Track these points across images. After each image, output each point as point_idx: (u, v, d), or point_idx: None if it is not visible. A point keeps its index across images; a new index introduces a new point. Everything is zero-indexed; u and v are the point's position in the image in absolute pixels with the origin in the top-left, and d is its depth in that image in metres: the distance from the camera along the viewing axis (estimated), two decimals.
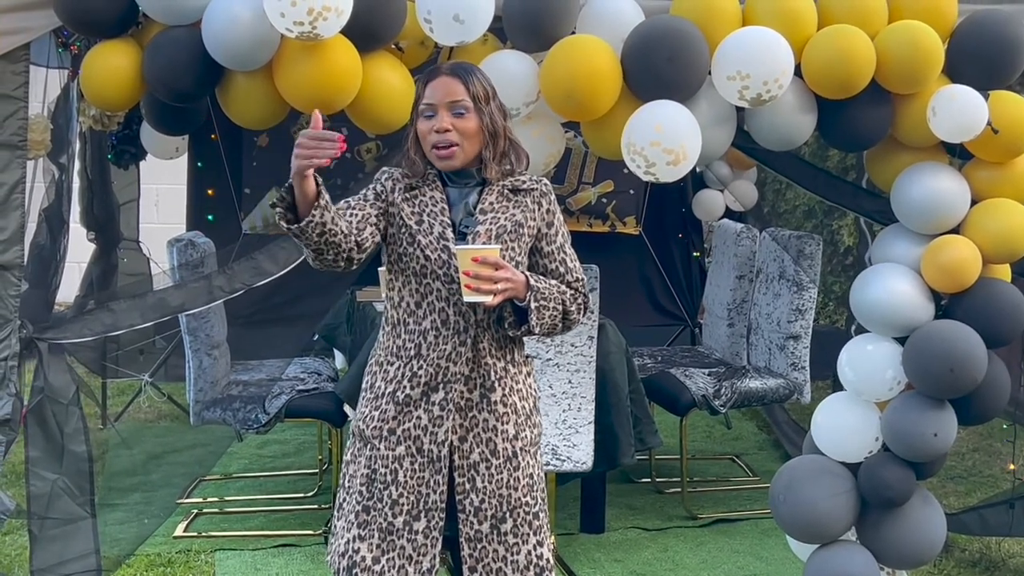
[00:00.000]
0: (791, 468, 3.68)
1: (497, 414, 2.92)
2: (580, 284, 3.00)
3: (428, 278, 2.86)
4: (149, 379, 6.19)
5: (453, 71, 2.88)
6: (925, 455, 3.47)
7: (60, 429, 3.56)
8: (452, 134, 2.83)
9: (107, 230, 5.95)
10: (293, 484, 5.34)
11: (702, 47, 3.34)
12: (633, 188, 6.75)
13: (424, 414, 2.89)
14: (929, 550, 3.61)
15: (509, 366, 2.95)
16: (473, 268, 2.71)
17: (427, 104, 2.85)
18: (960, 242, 3.48)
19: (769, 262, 5.29)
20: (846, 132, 3.53)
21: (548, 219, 2.97)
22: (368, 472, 2.90)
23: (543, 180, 2.99)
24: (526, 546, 2.94)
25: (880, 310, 3.53)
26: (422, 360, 2.88)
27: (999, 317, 3.47)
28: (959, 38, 3.48)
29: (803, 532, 3.62)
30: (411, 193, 2.91)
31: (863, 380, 3.56)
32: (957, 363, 3.38)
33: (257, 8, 3.14)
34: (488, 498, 2.91)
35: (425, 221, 2.87)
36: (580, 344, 4.29)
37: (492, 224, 2.88)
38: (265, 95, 3.37)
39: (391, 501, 2.88)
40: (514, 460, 2.93)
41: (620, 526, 4.87)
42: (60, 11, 3.31)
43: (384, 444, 2.89)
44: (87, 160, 5.68)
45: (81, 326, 3.61)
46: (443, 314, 2.87)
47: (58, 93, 4.35)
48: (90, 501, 3.63)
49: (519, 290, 2.79)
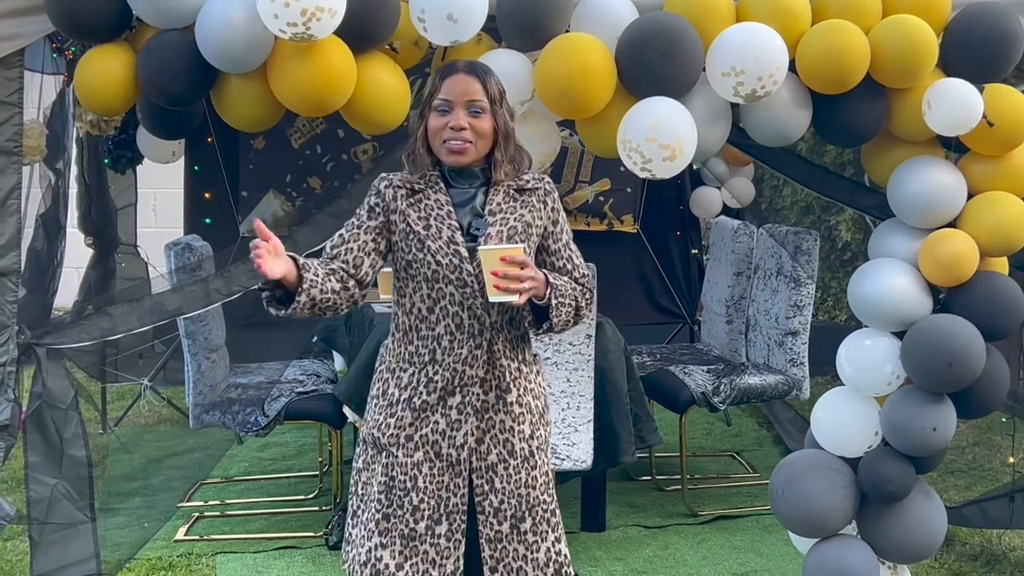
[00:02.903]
0: (790, 463, 3.68)
1: (513, 415, 2.93)
2: (586, 280, 3.01)
3: (440, 283, 2.85)
4: (148, 383, 6.18)
5: (471, 70, 2.87)
6: (925, 449, 3.47)
7: (59, 434, 3.56)
8: (467, 132, 2.82)
9: (105, 235, 5.95)
10: (294, 487, 5.33)
11: (696, 43, 3.34)
12: (630, 186, 6.75)
13: (442, 419, 2.89)
14: (929, 544, 3.61)
15: (522, 366, 2.96)
16: (501, 268, 2.70)
17: (444, 99, 2.83)
18: (957, 236, 3.48)
19: (767, 258, 5.29)
20: (841, 127, 3.54)
21: (554, 217, 2.98)
22: (386, 480, 2.90)
23: (546, 178, 3.00)
24: (545, 543, 2.95)
25: (878, 305, 3.52)
26: (438, 365, 2.88)
27: (997, 310, 3.48)
28: (953, 32, 3.48)
29: (802, 526, 3.63)
30: (415, 197, 2.89)
31: (862, 375, 3.56)
32: (956, 357, 3.38)
33: (251, 10, 3.14)
34: (507, 498, 2.92)
35: (433, 226, 2.86)
36: (578, 343, 4.28)
37: (502, 225, 2.87)
38: (260, 97, 3.37)
39: (412, 507, 2.88)
40: (531, 459, 2.95)
41: (621, 524, 4.87)
42: (54, 16, 3.31)
43: (402, 451, 2.89)
44: (84, 165, 5.68)
45: (79, 331, 3.61)
46: (457, 318, 2.87)
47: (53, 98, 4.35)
48: (90, 505, 3.64)
49: (541, 288, 2.80)
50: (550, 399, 4.24)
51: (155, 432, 6.21)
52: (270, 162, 6.34)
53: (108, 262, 5.99)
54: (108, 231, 5.96)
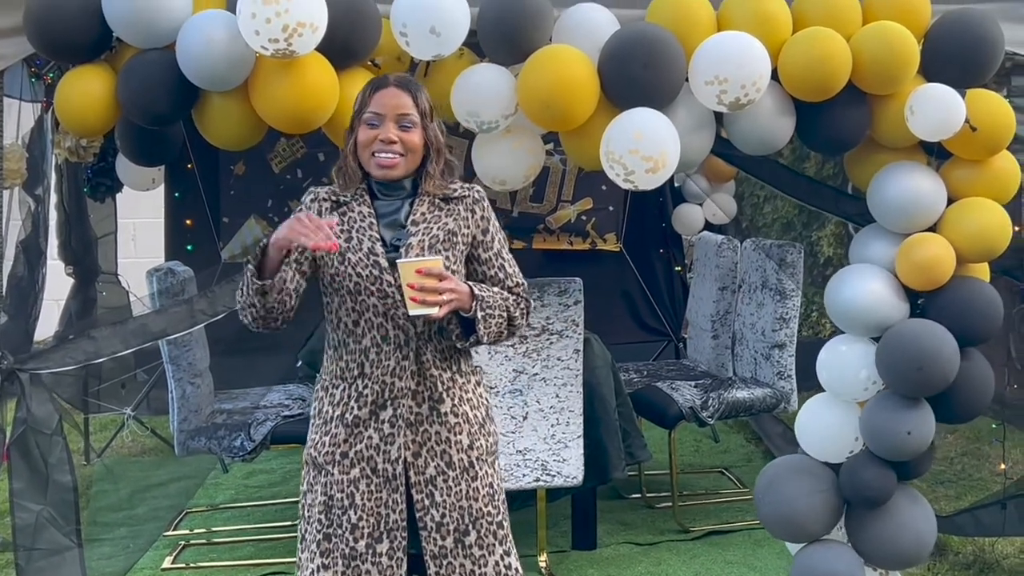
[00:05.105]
0: (773, 467, 3.73)
1: (448, 425, 2.90)
2: (521, 288, 3.00)
3: (363, 295, 2.85)
4: (132, 413, 6.12)
5: (402, 84, 2.89)
6: (901, 453, 3.47)
7: (44, 459, 3.51)
8: (398, 146, 2.84)
9: (85, 263, 5.90)
10: (280, 513, 5.28)
11: (678, 53, 3.34)
12: (612, 205, 6.75)
13: (375, 433, 2.87)
14: (918, 550, 3.60)
15: (456, 376, 2.93)
16: (417, 280, 2.70)
17: (374, 113, 2.85)
18: (934, 239, 3.48)
19: (751, 272, 5.29)
20: (825, 135, 3.53)
21: (483, 226, 2.96)
22: (325, 499, 2.88)
23: (475, 187, 2.98)
24: (493, 557, 2.92)
25: (853, 310, 3.54)
26: (367, 379, 2.87)
27: (974, 315, 3.48)
28: (934, 38, 3.49)
29: (784, 530, 3.65)
30: (340, 211, 2.90)
31: (838, 380, 3.59)
32: (926, 361, 3.38)
33: (231, 28, 3.12)
34: (449, 512, 2.89)
35: (354, 238, 2.86)
36: (567, 358, 4.26)
37: (424, 235, 2.86)
38: (242, 115, 3.34)
39: (351, 525, 2.85)
40: (471, 470, 2.91)
41: (612, 542, 4.84)
42: (33, 38, 3.28)
43: (338, 469, 2.87)
44: (64, 193, 5.64)
45: (63, 355, 3.57)
46: (382, 329, 2.86)
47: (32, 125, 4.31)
48: (76, 531, 3.58)
49: (464, 301, 2.79)
50: (538, 415, 4.23)
51: (139, 463, 6.16)
52: (251, 187, 6.30)
53: (89, 291, 5.93)
54: (88, 260, 5.91)
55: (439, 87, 3.48)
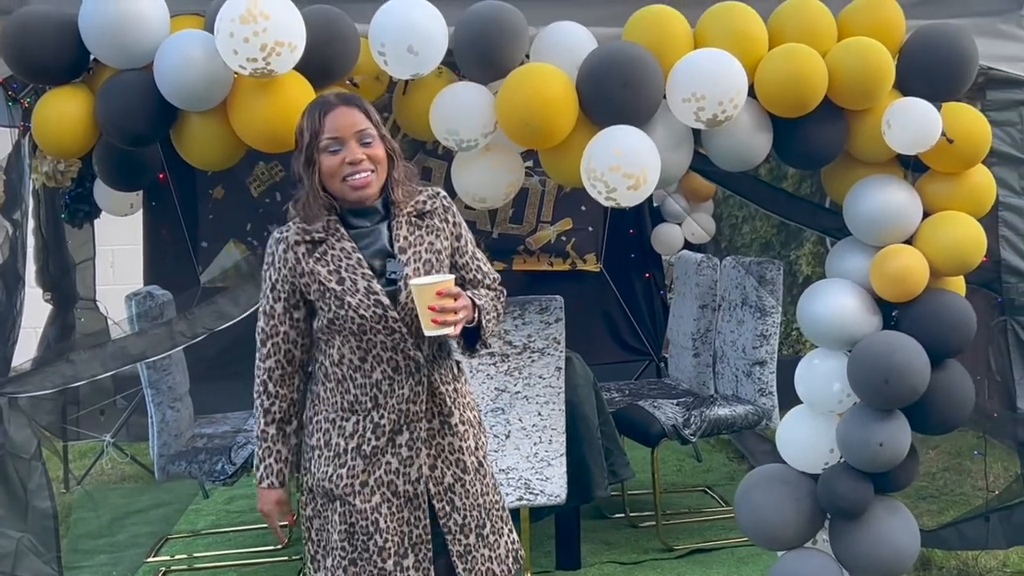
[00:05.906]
0: (752, 474, 3.79)
1: (459, 433, 2.95)
2: (496, 283, 3.04)
3: (368, 334, 2.82)
4: (111, 439, 6.07)
5: (347, 101, 2.81)
6: (876, 465, 3.49)
7: (24, 485, 3.48)
8: (366, 163, 2.77)
9: (63, 289, 5.86)
10: (262, 538, 5.24)
11: (656, 71, 3.36)
12: (592, 225, 6.75)
13: (393, 458, 2.87)
14: (899, 562, 3.61)
15: (456, 385, 2.98)
16: (437, 302, 2.69)
17: (332, 139, 2.75)
18: (906, 251, 3.51)
19: (731, 290, 5.30)
20: (802, 150, 3.55)
21: (456, 231, 2.97)
22: (346, 528, 2.87)
23: (440, 193, 2.96)
24: (503, 539, 3.03)
25: (823, 324, 3.57)
26: (382, 409, 2.86)
27: (946, 327, 3.50)
28: (908, 52, 3.52)
29: (760, 537, 3.71)
30: (320, 251, 2.81)
31: (814, 393, 3.63)
32: (892, 374, 3.39)
33: (209, 47, 3.13)
34: (469, 511, 2.95)
35: (347, 279, 2.80)
36: (548, 376, 4.26)
37: (416, 261, 2.85)
38: (221, 135, 3.34)
39: (378, 548, 2.85)
40: (481, 468, 3.00)
41: (596, 561, 4.82)
42: (9, 59, 3.28)
43: (359, 498, 2.85)
44: (41, 218, 5.60)
45: (41, 379, 3.55)
46: (392, 362, 2.85)
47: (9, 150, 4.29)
48: (56, 558, 3.55)
49: (470, 312, 2.81)
50: (520, 434, 4.22)
51: (119, 489, 6.11)
52: (229, 211, 6.27)
53: (67, 317, 5.89)
54: (66, 285, 5.88)
55: (418, 106, 3.49)
